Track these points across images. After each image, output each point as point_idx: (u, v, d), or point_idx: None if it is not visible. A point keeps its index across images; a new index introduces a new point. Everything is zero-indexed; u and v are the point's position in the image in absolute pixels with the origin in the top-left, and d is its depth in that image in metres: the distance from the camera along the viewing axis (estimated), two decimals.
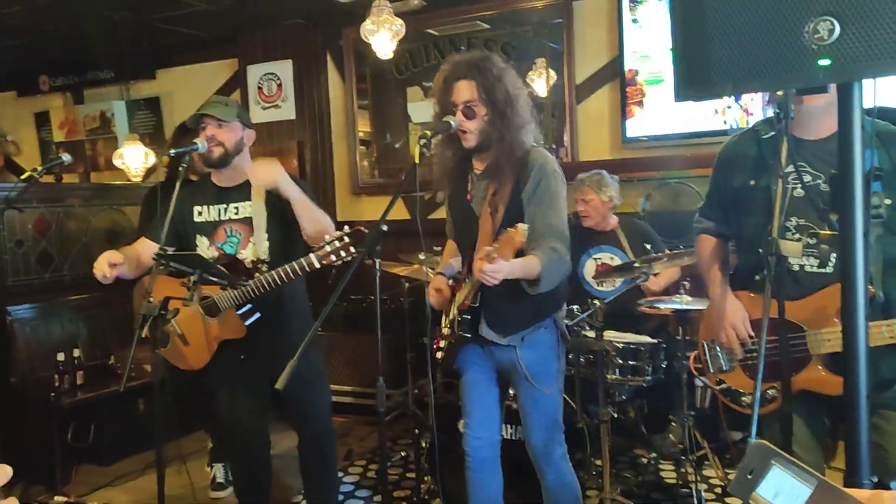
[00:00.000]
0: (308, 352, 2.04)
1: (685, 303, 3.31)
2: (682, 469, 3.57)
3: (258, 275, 2.72)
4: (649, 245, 3.81)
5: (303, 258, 2.57)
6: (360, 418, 4.80)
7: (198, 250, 2.86)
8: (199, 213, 2.91)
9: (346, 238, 2.45)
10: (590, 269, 3.98)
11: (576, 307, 3.43)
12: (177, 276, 2.77)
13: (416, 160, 2.25)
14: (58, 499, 3.67)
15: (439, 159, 2.55)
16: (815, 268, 2.09)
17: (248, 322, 2.79)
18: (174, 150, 2.77)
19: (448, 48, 5.12)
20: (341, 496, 3.66)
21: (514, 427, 3.17)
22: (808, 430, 2.12)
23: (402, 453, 4.18)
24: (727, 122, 4.22)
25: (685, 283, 3.39)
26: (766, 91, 2.25)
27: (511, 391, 2.75)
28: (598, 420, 3.17)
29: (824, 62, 1.04)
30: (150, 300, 2.48)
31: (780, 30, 1.07)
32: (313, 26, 5.54)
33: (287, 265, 2.61)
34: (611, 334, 3.48)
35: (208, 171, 2.97)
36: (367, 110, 5.60)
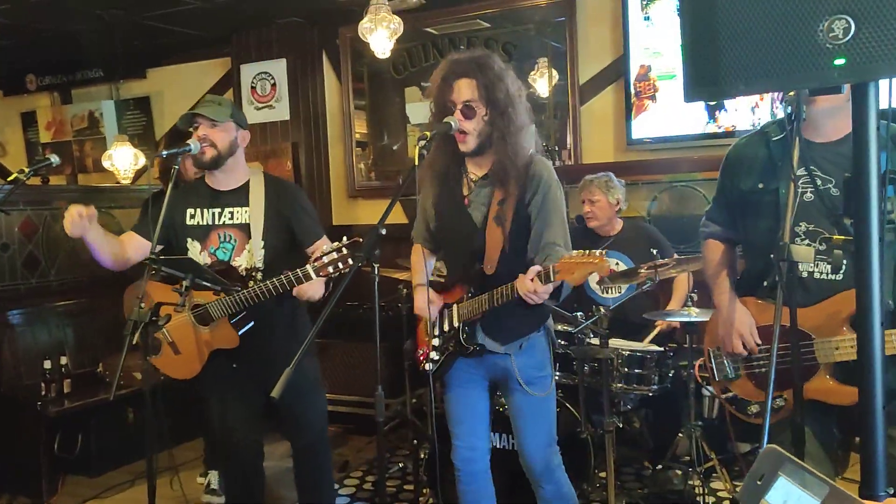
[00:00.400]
0: (303, 360, 2.03)
1: (694, 314, 3.30)
2: (690, 481, 3.56)
3: (252, 283, 2.71)
4: (656, 250, 3.79)
5: (299, 269, 2.56)
6: (357, 428, 4.79)
7: (189, 255, 2.86)
8: (192, 216, 2.90)
9: (344, 249, 2.45)
10: (594, 276, 3.96)
11: (580, 314, 3.42)
12: (169, 281, 2.76)
13: (416, 162, 2.25)
14: None
15: (430, 158, 2.52)
16: (825, 274, 2.08)
17: (241, 331, 2.78)
18: (166, 152, 2.77)
19: (447, 47, 5.12)
20: None
21: (507, 436, 3.16)
22: (817, 441, 2.11)
23: (400, 464, 4.16)
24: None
25: (693, 295, 3.39)
26: (778, 91, 2.25)
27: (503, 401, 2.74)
28: (602, 430, 3.16)
29: (839, 62, 1.04)
30: (141, 306, 2.47)
31: (794, 28, 1.07)
32: (309, 24, 5.54)
33: (283, 276, 2.60)
34: (616, 342, 3.47)
35: (198, 177, 2.97)
36: (364, 111, 5.59)
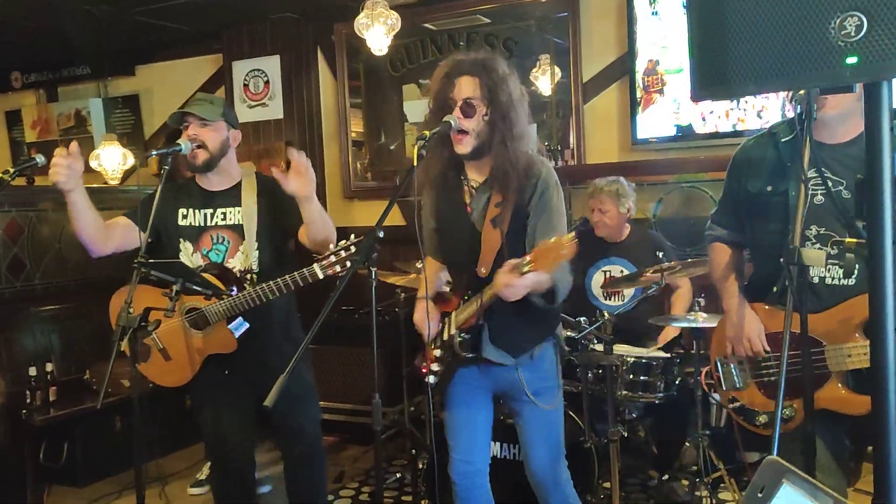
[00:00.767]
0: (298, 366, 2.03)
1: (701, 320, 3.28)
2: (697, 492, 3.56)
3: (248, 286, 2.70)
4: (661, 253, 3.78)
5: (305, 269, 2.55)
6: (353, 437, 4.78)
7: (181, 255, 2.85)
8: (184, 217, 2.89)
9: (353, 248, 2.44)
10: (598, 282, 3.96)
11: (583, 319, 3.42)
12: (159, 285, 2.75)
13: (415, 162, 2.24)
14: None
15: (429, 160, 2.50)
16: (836, 279, 2.09)
17: (237, 334, 2.77)
18: (156, 151, 2.76)
19: (446, 44, 5.13)
20: None
21: (509, 446, 3.15)
22: (828, 451, 2.11)
23: (398, 475, 4.15)
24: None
25: (700, 300, 3.37)
26: (788, 90, 2.24)
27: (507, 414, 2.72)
28: (606, 439, 3.16)
29: (851, 60, 1.04)
30: (130, 311, 2.45)
31: (805, 25, 1.07)
32: (303, 20, 5.54)
33: (288, 276, 2.59)
34: (621, 348, 3.47)
35: (189, 177, 2.96)
36: (360, 109, 5.59)
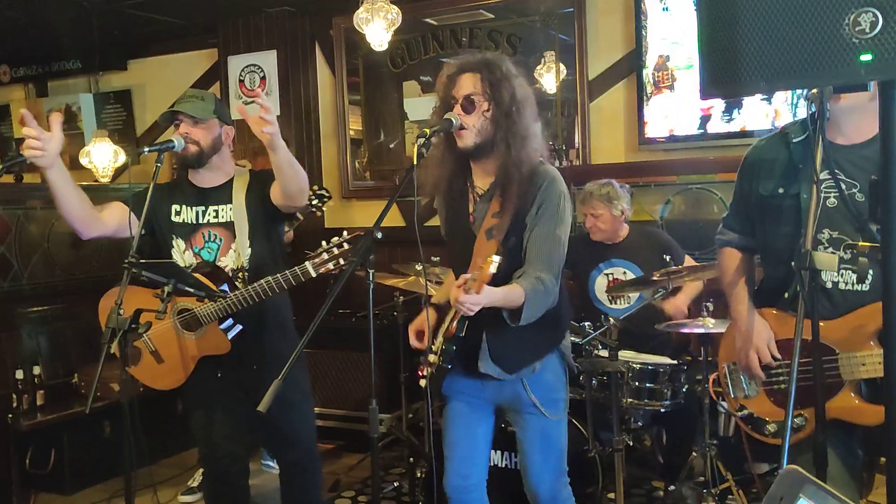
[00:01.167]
0: (293, 371, 2.03)
1: (709, 325, 3.28)
2: (704, 503, 3.55)
3: (240, 284, 2.71)
4: (668, 256, 3.77)
5: (297, 267, 2.55)
6: (349, 444, 4.78)
7: (173, 253, 2.86)
8: (177, 213, 2.90)
9: (346, 245, 2.43)
10: (601, 286, 3.97)
11: (587, 324, 3.42)
12: (150, 286, 2.75)
13: (415, 161, 2.24)
14: None
15: (434, 162, 2.49)
16: (849, 284, 2.08)
17: (230, 336, 2.77)
18: (148, 148, 2.76)
19: (448, 39, 5.13)
20: None
21: (510, 454, 3.14)
22: (840, 462, 2.10)
23: (395, 483, 4.15)
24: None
25: (708, 305, 3.37)
26: (801, 89, 2.24)
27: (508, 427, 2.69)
28: (611, 448, 3.16)
29: (866, 57, 1.04)
30: (120, 312, 2.45)
31: (818, 22, 1.07)
32: (301, 14, 5.55)
33: (279, 274, 2.59)
34: (626, 354, 3.46)
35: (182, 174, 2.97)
36: (359, 106, 5.59)
